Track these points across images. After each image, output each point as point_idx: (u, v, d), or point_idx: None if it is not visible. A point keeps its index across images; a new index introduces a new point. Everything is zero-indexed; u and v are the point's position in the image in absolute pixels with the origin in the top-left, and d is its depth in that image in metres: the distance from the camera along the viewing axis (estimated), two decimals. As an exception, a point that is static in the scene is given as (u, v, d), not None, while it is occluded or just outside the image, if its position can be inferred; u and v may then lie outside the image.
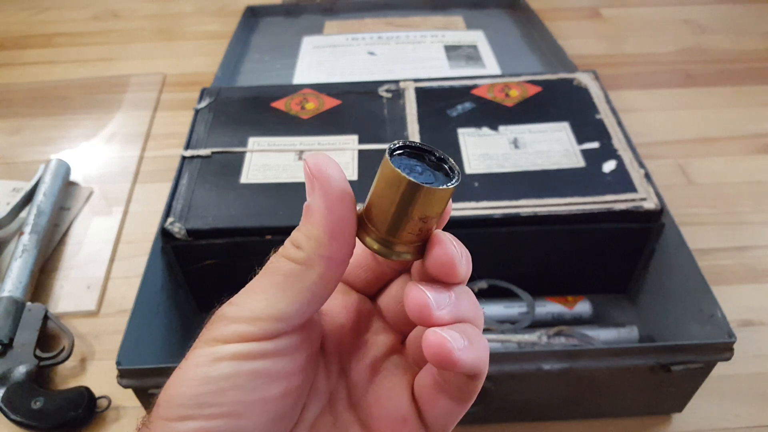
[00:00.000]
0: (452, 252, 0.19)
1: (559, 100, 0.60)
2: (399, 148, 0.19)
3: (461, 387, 0.19)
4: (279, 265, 0.19)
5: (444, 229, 0.20)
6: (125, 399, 0.47)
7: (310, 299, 0.19)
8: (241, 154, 0.55)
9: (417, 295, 0.18)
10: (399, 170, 0.18)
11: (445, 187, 0.18)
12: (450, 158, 0.19)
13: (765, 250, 0.59)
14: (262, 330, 0.18)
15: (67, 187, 0.67)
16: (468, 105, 0.60)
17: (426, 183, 0.18)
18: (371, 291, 0.23)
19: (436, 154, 0.19)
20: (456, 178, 0.19)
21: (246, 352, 0.18)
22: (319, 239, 0.18)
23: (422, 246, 0.20)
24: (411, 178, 0.18)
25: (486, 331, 0.49)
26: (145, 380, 0.40)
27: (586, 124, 0.56)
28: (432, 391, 0.20)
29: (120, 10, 1.05)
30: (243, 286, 0.19)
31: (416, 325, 0.21)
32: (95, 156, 0.73)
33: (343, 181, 0.18)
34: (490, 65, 0.80)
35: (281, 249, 0.19)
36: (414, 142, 0.19)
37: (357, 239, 0.19)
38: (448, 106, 0.59)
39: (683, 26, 0.95)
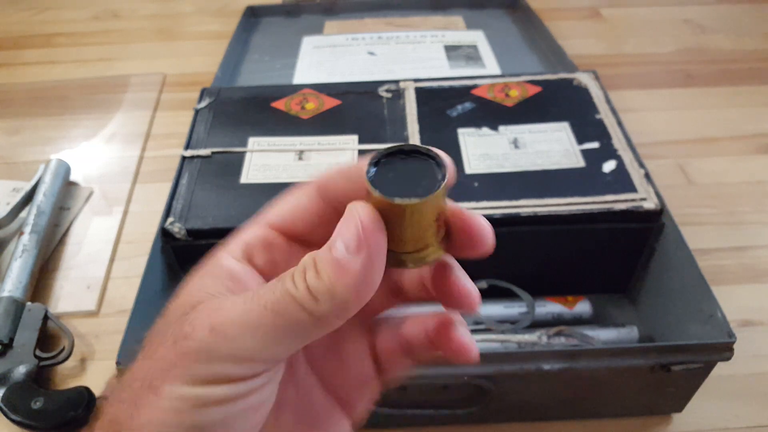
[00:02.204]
0: (480, 223, 0.19)
1: (559, 100, 0.60)
2: (376, 164, 0.18)
3: (430, 350, 0.21)
4: (288, 308, 0.16)
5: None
6: (125, 399, 0.47)
7: (308, 342, 0.18)
8: (241, 154, 0.55)
9: (473, 288, 0.20)
10: (393, 200, 0.17)
11: (441, 187, 0.17)
12: (423, 147, 0.18)
13: (765, 250, 0.59)
14: (254, 371, 0.17)
15: (67, 187, 0.67)
16: (468, 105, 0.60)
17: (419, 195, 0.17)
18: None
19: (407, 150, 0.18)
20: (442, 166, 0.18)
21: (236, 394, 0.17)
22: (345, 303, 0.17)
23: (446, 234, 0.19)
24: (413, 201, 0.17)
25: (486, 331, 0.49)
26: (145, 380, 0.39)
27: (586, 124, 0.56)
28: (398, 355, 0.22)
29: (120, 10, 1.05)
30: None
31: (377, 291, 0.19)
32: (95, 156, 0.73)
33: (385, 250, 0.17)
34: (490, 65, 0.80)
35: (292, 285, 0.17)
36: (383, 150, 0.18)
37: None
38: (448, 106, 0.59)
39: (683, 26, 0.95)
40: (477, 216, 0.19)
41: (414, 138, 0.55)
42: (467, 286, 0.20)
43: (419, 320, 0.22)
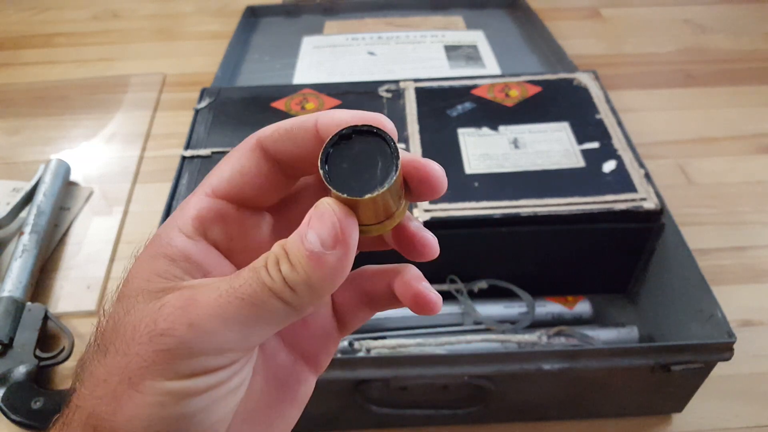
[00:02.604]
0: (435, 169, 0.19)
1: (559, 100, 0.60)
2: (326, 159, 0.18)
3: (391, 302, 0.22)
4: (265, 299, 0.17)
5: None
6: (125, 399, 0.47)
7: (283, 327, 0.18)
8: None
9: (432, 237, 0.20)
10: (357, 198, 0.17)
11: (398, 170, 0.17)
12: (363, 126, 0.18)
13: (765, 250, 0.59)
14: (233, 359, 0.17)
15: (67, 187, 0.67)
16: (468, 105, 0.60)
17: (378, 183, 0.17)
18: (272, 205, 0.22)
19: (356, 130, 0.18)
20: (390, 141, 0.18)
21: (217, 382, 0.17)
22: (322, 292, 0.17)
23: (404, 193, 0.19)
24: (374, 194, 0.17)
25: (486, 331, 0.49)
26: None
27: (586, 124, 0.56)
28: (358, 305, 0.22)
29: (120, 10, 1.05)
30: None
31: None
32: (95, 156, 0.73)
33: (356, 243, 0.18)
34: (490, 65, 0.80)
35: (268, 277, 0.17)
36: (328, 142, 0.18)
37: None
38: (448, 106, 0.59)
39: (683, 26, 0.95)
40: (431, 164, 0.19)
41: (414, 138, 0.55)
42: (426, 235, 0.20)
43: (380, 274, 0.22)
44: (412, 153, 0.20)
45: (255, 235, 0.21)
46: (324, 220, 0.17)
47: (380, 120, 0.18)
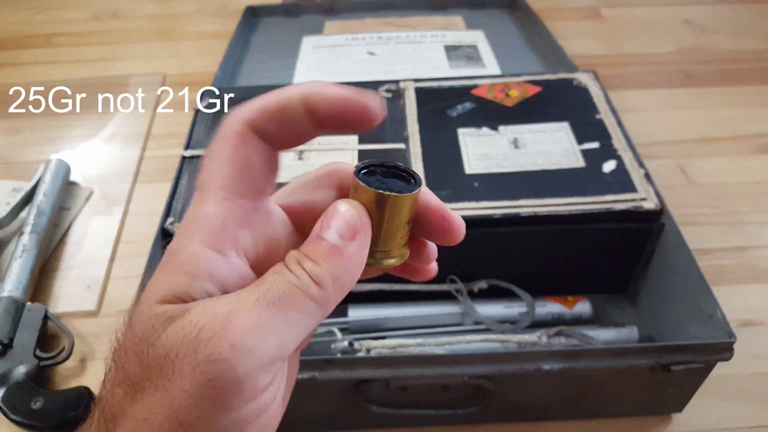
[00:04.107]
0: (457, 220, 0.21)
1: (559, 100, 0.60)
2: (363, 169, 0.20)
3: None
4: (292, 298, 0.17)
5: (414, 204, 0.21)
6: (125, 399, 0.47)
7: (313, 328, 0.18)
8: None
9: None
10: (379, 191, 0.19)
11: (419, 189, 0.20)
12: (403, 165, 0.20)
13: (765, 250, 0.59)
14: (274, 374, 0.17)
15: (67, 187, 0.67)
16: (468, 105, 0.60)
17: (403, 191, 0.19)
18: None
19: (388, 165, 0.20)
20: (418, 180, 0.20)
21: (264, 405, 0.17)
22: (345, 286, 0.18)
23: (408, 242, 0.21)
24: (395, 193, 0.19)
25: (486, 331, 0.49)
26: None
27: (586, 124, 0.56)
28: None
29: (120, 10, 1.05)
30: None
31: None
32: (95, 156, 0.73)
33: (371, 234, 0.19)
34: (490, 65, 0.80)
35: (293, 276, 0.17)
36: (367, 161, 0.20)
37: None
38: (448, 106, 0.59)
39: (683, 26, 0.95)
40: (454, 214, 0.21)
41: (414, 138, 0.55)
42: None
43: None
44: (440, 203, 0.21)
45: (270, 230, 0.20)
46: (342, 216, 0.18)
47: (369, 102, 0.19)
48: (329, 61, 0.81)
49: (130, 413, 0.16)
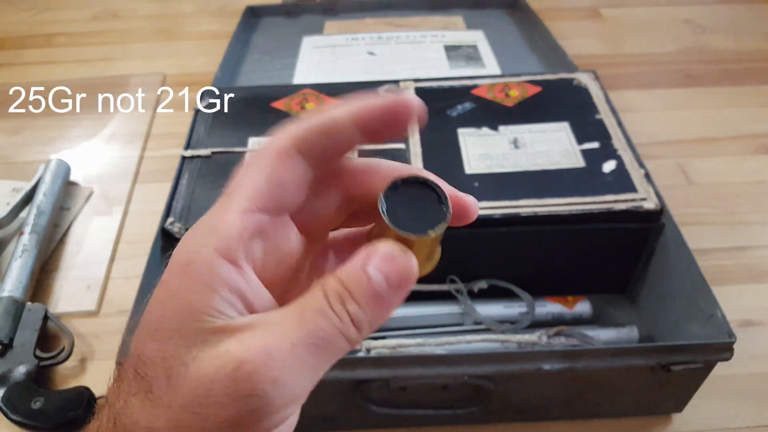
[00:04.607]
0: (472, 203, 0.21)
1: (559, 100, 0.60)
2: (388, 194, 0.19)
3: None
4: (333, 340, 0.17)
5: (445, 230, 0.21)
6: (125, 399, 0.47)
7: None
8: (241, 155, 0.55)
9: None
10: (411, 236, 0.18)
11: (448, 220, 0.19)
12: (422, 177, 0.20)
13: (765, 250, 0.59)
14: (300, 404, 0.18)
15: (67, 187, 0.67)
16: (468, 105, 0.60)
17: (430, 226, 0.19)
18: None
19: (410, 180, 0.20)
20: (447, 205, 0.20)
21: (291, 423, 0.18)
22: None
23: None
24: (430, 235, 0.19)
25: (486, 331, 0.49)
26: (145, 380, 0.39)
27: (586, 124, 0.56)
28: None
29: (120, 10, 1.05)
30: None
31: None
32: (95, 156, 0.73)
33: None
34: (490, 65, 0.80)
35: (337, 319, 0.17)
36: (389, 183, 0.20)
37: None
38: (448, 106, 0.59)
39: (683, 26, 0.95)
40: (467, 197, 0.21)
41: (414, 138, 0.55)
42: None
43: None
44: (450, 187, 0.21)
45: (285, 244, 0.20)
46: (395, 263, 0.18)
47: (409, 99, 0.19)
48: (329, 61, 0.81)
49: (146, 425, 0.17)
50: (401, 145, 0.55)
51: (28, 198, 0.63)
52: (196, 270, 0.17)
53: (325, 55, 0.83)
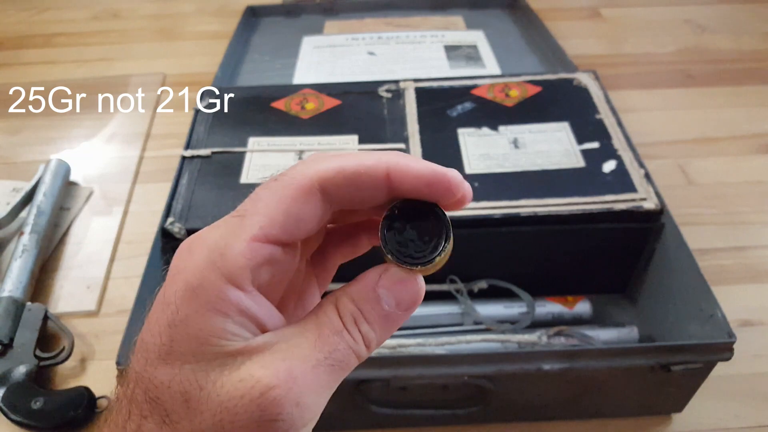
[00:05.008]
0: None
1: (559, 100, 0.60)
2: (387, 225, 0.19)
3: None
4: (350, 361, 0.18)
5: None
6: (125, 399, 0.47)
7: None
8: (241, 154, 0.55)
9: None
10: (413, 269, 0.19)
11: (450, 245, 0.19)
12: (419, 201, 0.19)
13: (765, 250, 0.59)
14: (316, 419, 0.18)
15: (67, 187, 0.67)
16: (468, 105, 0.60)
17: (432, 254, 0.19)
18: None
19: (406, 206, 0.19)
20: (447, 229, 0.19)
21: None
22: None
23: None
24: (435, 264, 0.19)
25: (486, 331, 0.49)
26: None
27: (586, 124, 0.56)
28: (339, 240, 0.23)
29: (120, 10, 1.05)
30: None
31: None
32: (95, 156, 0.73)
33: None
34: (490, 65, 0.80)
35: (352, 341, 0.18)
36: (388, 212, 0.19)
37: None
38: (448, 106, 0.59)
39: (683, 26, 0.95)
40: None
41: (414, 138, 0.55)
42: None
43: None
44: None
45: (290, 268, 0.20)
46: (407, 287, 0.19)
47: (453, 178, 0.19)
48: (329, 61, 0.81)
49: None
50: (401, 145, 0.55)
51: (28, 198, 0.63)
52: (205, 295, 0.17)
53: (325, 55, 0.83)
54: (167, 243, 0.48)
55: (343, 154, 0.19)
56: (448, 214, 0.20)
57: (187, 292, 0.17)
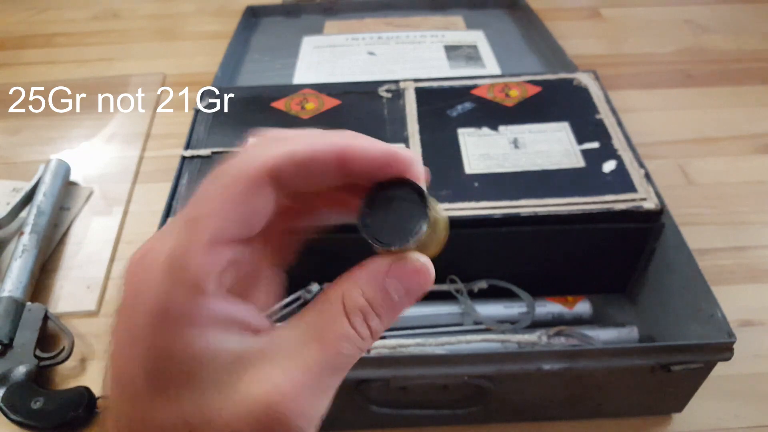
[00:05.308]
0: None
1: (559, 100, 0.60)
2: (365, 212, 0.18)
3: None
4: (351, 358, 0.17)
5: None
6: (125, 399, 0.47)
7: None
8: (241, 154, 0.55)
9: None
10: (400, 248, 0.18)
11: (427, 225, 0.18)
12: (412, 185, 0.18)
13: (765, 250, 0.59)
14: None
15: (67, 187, 0.67)
16: (468, 105, 0.60)
17: (417, 231, 0.18)
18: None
19: (387, 184, 0.18)
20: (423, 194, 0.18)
21: None
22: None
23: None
24: (414, 240, 0.18)
25: (486, 331, 0.49)
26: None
27: (586, 124, 0.56)
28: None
29: (120, 10, 1.05)
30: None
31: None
32: (95, 156, 0.73)
33: None
34: (490, 65, 0.80)
35: (358, 338, 0.17)
36: (363, 202, 0.18)
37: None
38: (448, 106, 0.59)
39: (683, 26, 0.95)
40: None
41: (414, 138, 0.55)
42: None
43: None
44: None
45: (251, 260, 0.19)
46: (419, 276, 0.18)
47: (405, 159, 0.18)
48: (329, 61, 0.81)
49: None
50: (400, 145, 0.55)
51: (28, 198, 0.63)
52: (178, 318, 0.16)
53: (325, 55, 0.83)
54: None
55: (293, 136, 0.18)
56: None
57: (157, 320, 0.16)
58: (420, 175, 0.18)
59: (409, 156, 0.18)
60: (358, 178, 0.18)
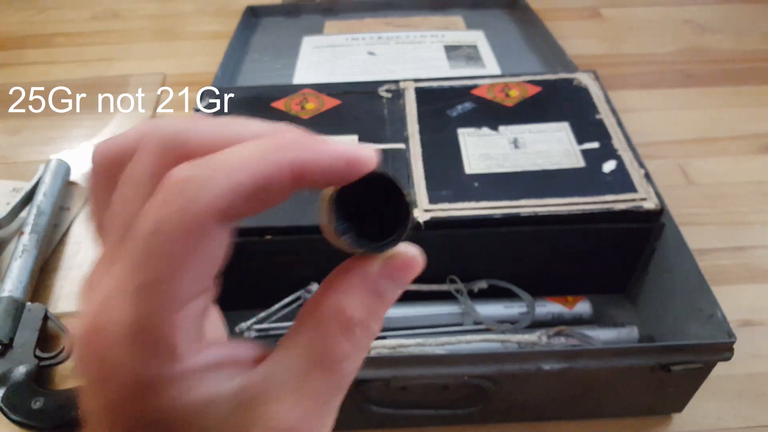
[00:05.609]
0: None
1: (559, 100, 0.60)
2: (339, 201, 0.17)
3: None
4: (355, 371, 0.17)
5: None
6: (125, 399, 0.47)
7: None
8: (241, 154, 0.55)
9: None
10: (377, 251, 0.17)
11: (411, 223, 0.17)
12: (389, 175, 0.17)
13: (765, 250, 0.59)
14: None
15: (67, 187, 0.67)
16: (468, 105, 0.60)
17: (398, 235, 0.17)
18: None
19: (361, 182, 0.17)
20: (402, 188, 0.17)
21: None
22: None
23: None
24: (395, 243, 0.17)
25: (486, 331, 0.49)
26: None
27: (586, 124, 0.56)
28: None
29: (120, 10, 1.05)
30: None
31: None
32: (95, 156, 0.73)
33: None
34: (490, 65, 0.80)
35: (360, 352, 0.17)
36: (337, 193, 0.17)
37: None
38: (448, 106, 0.59)
39: (683, 26, 0.95)
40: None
41: (414, 138, 0.55)
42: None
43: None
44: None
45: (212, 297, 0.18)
46: (411, 269, 0.18)
47: (366, 157, 0.17)
48: (329, 61, 0.81)
49: None
50: (401, 145, 0.55)
51: (28, 198, 0.63)
52: (159, 387, 0.15)
53: (325, 55, 0.83)
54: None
55: (235, 148, 0.15)
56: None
57: (137, 389, 0.15)
58: (376, 163, 0.17)
59: (365, 153, 0.17)
60: (316, 186, 0.17)
